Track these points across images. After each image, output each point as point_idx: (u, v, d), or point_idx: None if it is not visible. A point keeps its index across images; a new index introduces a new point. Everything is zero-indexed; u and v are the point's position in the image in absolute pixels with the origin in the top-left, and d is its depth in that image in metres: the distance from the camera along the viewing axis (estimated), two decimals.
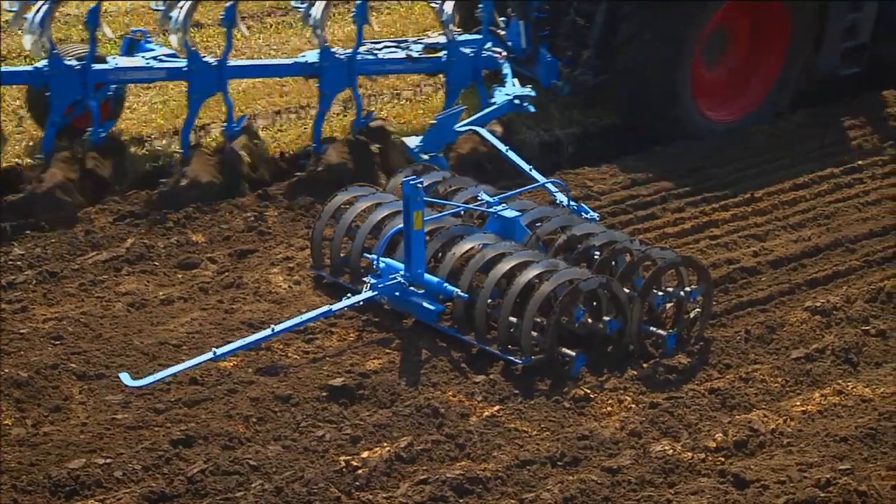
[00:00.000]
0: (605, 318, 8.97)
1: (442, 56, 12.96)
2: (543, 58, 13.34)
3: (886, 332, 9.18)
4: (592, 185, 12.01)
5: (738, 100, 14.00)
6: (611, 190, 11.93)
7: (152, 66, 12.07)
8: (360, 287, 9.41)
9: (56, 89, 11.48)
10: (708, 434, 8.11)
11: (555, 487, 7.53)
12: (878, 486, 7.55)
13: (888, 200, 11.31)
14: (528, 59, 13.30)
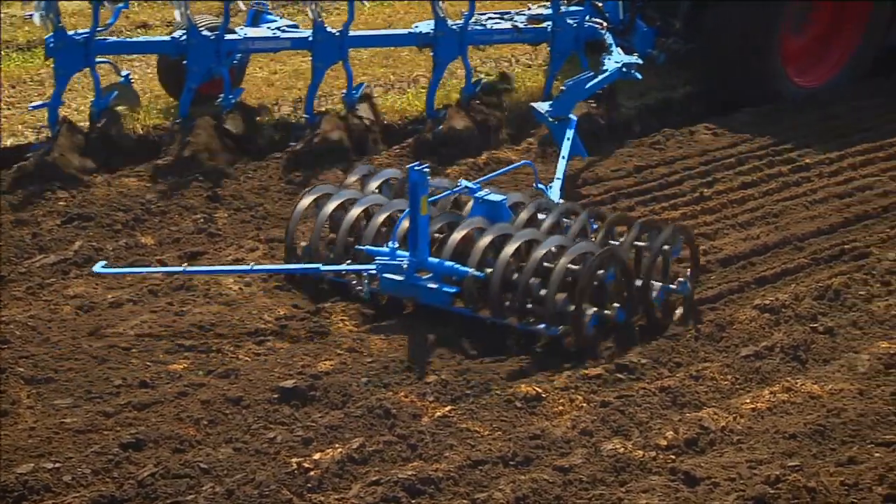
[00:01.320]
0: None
1: (547, 26, 13.66)
2: (640, 28, 14.10)
3: (834, 330, 9.22)
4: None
5: (822, 65, 14.79)
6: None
7: (279, 37, 12.92)
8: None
9: (193, 57, 12.23)
10: (659, 432, 8.12)
11: (507, 487, 7.51)
12: (827, 482, 7.58)
13: (835, 199, 11.35)
14: (624, 30, 13.97)
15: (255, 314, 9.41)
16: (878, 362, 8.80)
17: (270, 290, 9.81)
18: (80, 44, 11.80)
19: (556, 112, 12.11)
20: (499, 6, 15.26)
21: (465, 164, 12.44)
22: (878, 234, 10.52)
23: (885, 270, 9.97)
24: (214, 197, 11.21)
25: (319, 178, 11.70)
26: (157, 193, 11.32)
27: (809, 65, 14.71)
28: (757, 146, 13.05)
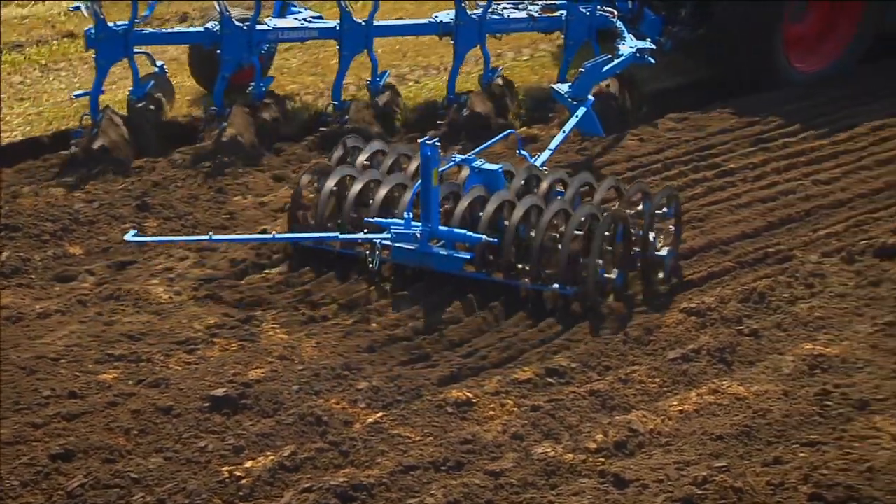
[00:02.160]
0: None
1: (561, 15, 14.25)
2: (648, 16, 14.56)
3: (759, 332, 9.27)
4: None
5: (823, 51, 15.26)
6: None
7: (307, 27, 13.52)
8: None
9: (226, 48, 12.69)
10: (588, 435, 8.13)
11: (438, 492, 7.50)
12: (753, 482, 7.63)
13: (758, 203, 11.41)
14: (633, 18, 14.39)
15: (185, 323, 9.35)
16: (803, 363, 8.86)
17: (200, 299, 9.75)
18: (119, 35, 12.18)
19: (575, 93, 12.54)
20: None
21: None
22: (800, 237, 10.59)
23: (808, 273, 10.03)
24: (143, 206, 11.13)
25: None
26: (86, 203, 11.22)
27: (810, 51, 15.18)
28: (682, 151, 13.09)
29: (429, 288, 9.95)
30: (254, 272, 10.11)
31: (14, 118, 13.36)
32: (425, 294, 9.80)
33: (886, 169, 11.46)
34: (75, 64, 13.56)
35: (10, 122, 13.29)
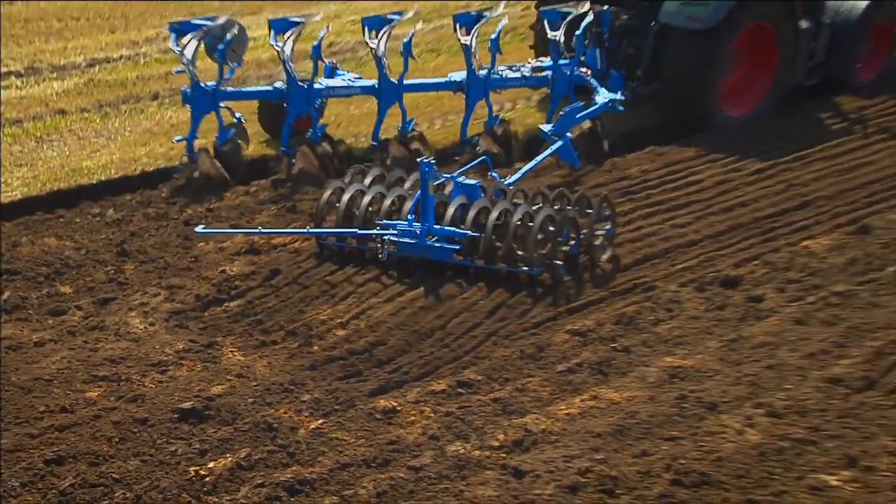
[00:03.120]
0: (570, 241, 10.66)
1: (547, 75, 14.51)
2: (613, 75, 14.59)
3: (629, 348, 9.28)
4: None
5: (748, 100, 15.13)
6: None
7: (351, 85, 13.95)
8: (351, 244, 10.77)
9: (292, 101, 13.19)
10: (492, 435, 8.10)
11: (370, 485, 7.48)
12: (626, 471, 7.65)
13: (628, 243, 11.41)
14: (602, 76, 14.49)
15: (157, 348, 9.25)
16: (664, 373, 8.89)
17: (171, 329, 9.65)
18: (209, 93, 12.72)
19: (555, 130, 13.00)
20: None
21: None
22: (661, 271, 10.61)
23: (667, 300, 10.06)
24: (123, 252, 11.01)
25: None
26: (74, 250, 11.08)
27: (738, 100, 15.08)
28: None
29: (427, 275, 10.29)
30: (215, 305, 10.02)
31: (14, 181, 13.19)
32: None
33: (728, 215, 11.55)
34: (65, 136, 13.45)
35: (11, 184, 13.12)
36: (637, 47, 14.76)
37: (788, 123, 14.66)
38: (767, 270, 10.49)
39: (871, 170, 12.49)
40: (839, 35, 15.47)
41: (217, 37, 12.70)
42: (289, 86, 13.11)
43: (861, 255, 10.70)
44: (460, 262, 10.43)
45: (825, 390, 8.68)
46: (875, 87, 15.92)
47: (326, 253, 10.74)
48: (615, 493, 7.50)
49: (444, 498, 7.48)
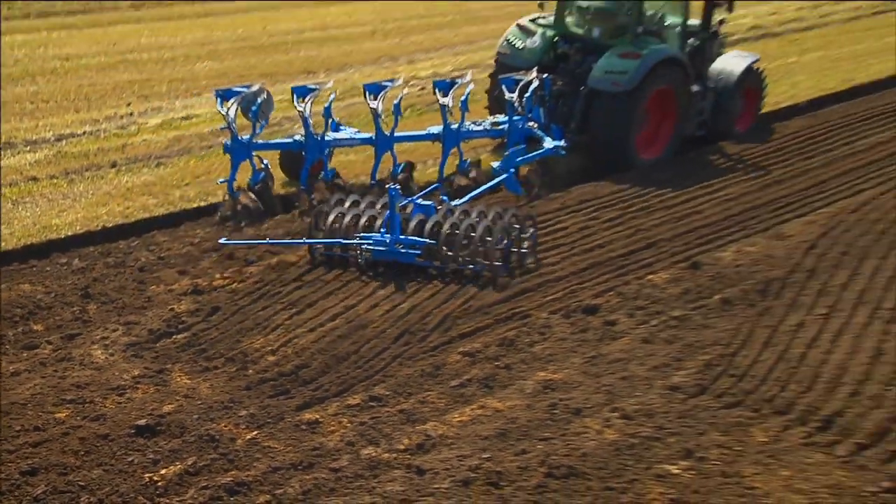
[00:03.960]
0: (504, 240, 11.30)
1: (504, 128, 14.53)
2: (554, 128, 14.64)
3: (510, 365, 9.33)
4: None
5: (656, 146, 15.28)
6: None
7: (353, 138, 14.19)
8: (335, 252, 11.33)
9: (309, 150, 13.50)
10: (398, 440, 8.11)
11: (297, 485, 7.48)
12: (508, 466, 7.71)
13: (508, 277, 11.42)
14: (545, 128, 14.54)
15: (117, 375, 9.10)
16: (539, 385, 8.96)
17: (128, 358, 9.49)
18: (244, 144, 12.94)
19: (502, 167, 13.56)
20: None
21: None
22: (535, 301, 10.66)
23: (540, 325, 10.04)
24: (86, 295, 10.81)
25: None
26: (45, 293, 10.87)
27: (648, 145, 15.21)
28: None
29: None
30: (165, 338, 9.86)
31: None
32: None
33: (588, 255, 11.64)
34: (37, 199, 13.22)
35: None
36: (570, 106, 14.89)
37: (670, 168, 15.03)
38: (620, 300, 10.60)
39: (699, 217, 12.69)
40: (720, 97, 15.93)
41: (250, 101, 13.02)
42: (306, 138, 13.45)
43: (693, 285, 10.88)
44: (421, 263, 11.12)
45: (667, 396, 8.83)
46: (746, 137, 16.43)
47: (258, 292, 10.67)
48: (500, 485, 7.55)
49: (359, 494, 7.48)
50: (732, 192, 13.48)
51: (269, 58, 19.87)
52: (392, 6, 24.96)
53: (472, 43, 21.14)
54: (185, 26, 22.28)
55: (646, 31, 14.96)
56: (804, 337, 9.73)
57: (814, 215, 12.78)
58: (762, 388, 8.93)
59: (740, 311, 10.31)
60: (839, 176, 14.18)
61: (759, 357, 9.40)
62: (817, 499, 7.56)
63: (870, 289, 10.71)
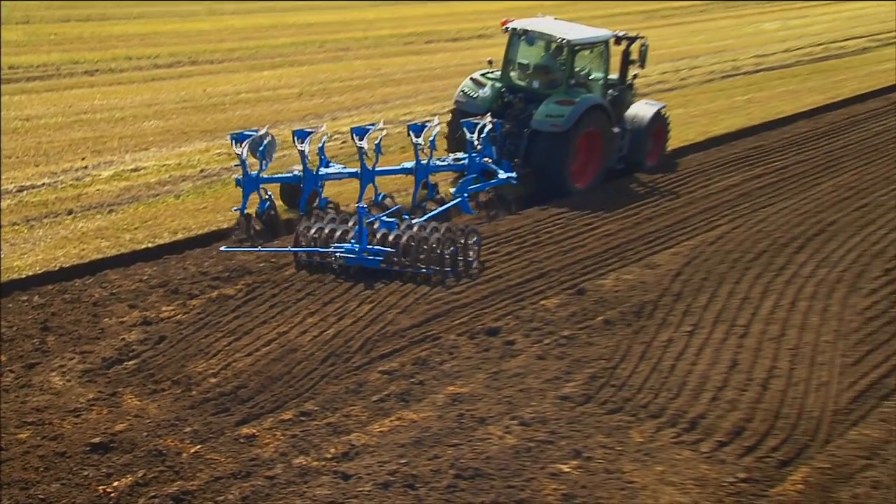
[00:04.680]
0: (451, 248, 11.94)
1: (464, 162, 14.75)
2: (504, 162, 15.00)
3: (424, 381, 9.34)
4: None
5: (586, 176, 15.80)
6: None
7: (342, 172, 14.35)
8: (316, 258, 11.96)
9: (306, 184, 13.78)
10: (326, 450, 8.07)
11: (236, 492, 7.41)
12: (423, 470, 7.73)
13: (422, 305, 11.33)
14: (497, 163, 14.90)
15: (73, 399, 8.88)
16: (448, 398, 8.98)
17: (83, 384, 9.25)
18: (254, 179, 13.22)
19: (456, 192, 14.21)
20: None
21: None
22: (444, 325, 10.65)
23: (449, 346, 10.09)
24: (45, 328, 10.52)
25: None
26: (7, 327, 10.53)
27: (580, 175, 15.71)
28: None
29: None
30: (117, 364, 9.64)
31: None
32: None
33: (489, 284, 11.70)
34: (1, 244, 12.89)
35: None
36: (516, 145, 15.36)
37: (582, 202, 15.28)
38: (517, 322, 10.66)
39: (583, 250, 12.81)
40: (635, 137, 16.46)
41: (257, 143, 13.34)
42: (304, 173, 13.76)
43: (579, 309, 11.00)
44: (384, 268, 11.70)
45: (558, 405, 8.91)
46: (656, 169, 16.91)
47: (200, 322, 10.47)
48: (415, 487, 7.54)
49: (292, 498, 7.41)
50: (611, 228, 13.66)
51: (208, 116, 19.70)
52: (316, 70, 24.92)
53: (387, 102, 21.20)
54: (133, 89, 22.00)
55: (576, 84, 15.62)
56: (673, 351, 9.93)
57: (679, 247, 13.03)
58: (639, 395, 9.09)
59: (619, 330, 10.47)
60: (699, 213, 14.47)
61: (635, 369, 9.56)
62: (685, 489, 7.71)
63: (726, 309, 10.97)
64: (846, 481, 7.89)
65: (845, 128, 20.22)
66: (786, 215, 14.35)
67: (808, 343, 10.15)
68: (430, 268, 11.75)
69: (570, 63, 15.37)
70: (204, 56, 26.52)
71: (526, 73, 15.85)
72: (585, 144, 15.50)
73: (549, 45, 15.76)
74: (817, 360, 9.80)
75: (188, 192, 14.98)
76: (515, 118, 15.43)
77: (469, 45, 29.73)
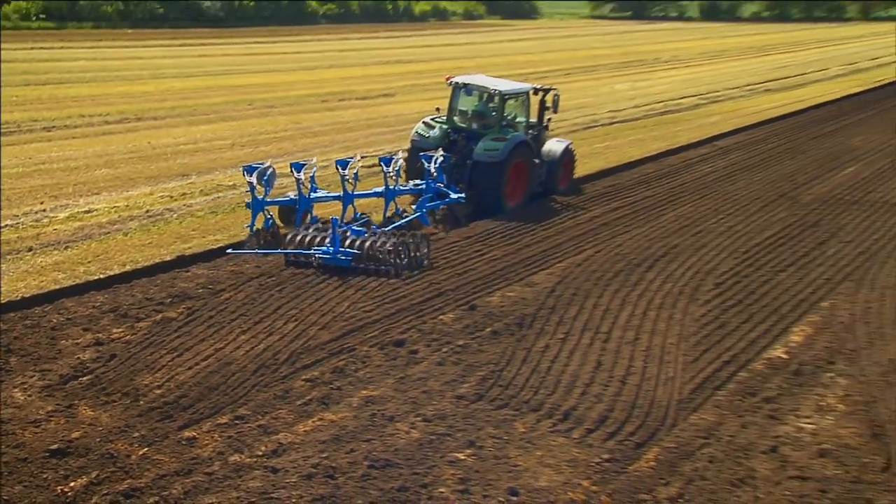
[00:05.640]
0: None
1: (423, 187, 15.37)
2: (452, 186, 15.69)
3: (341, 387, 9.24)
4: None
5: (515, 198, 16.50)
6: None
7: (327, 195, 14.78)
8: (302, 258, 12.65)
9: (301, 205, 14.22)
10: (257, 448, 7.93)
11: (179, 487, 7.22)
12: (341, 462, 7.65)
13: (339, 321, 11.25)
14: (448, 187, 15.58)
15: (34, 411, 8.54)
16: (363, 401, 8.91)
17: (43, 398, 8.90)
18: (261, 202, 13.68)
19: (417, 208, 15.03)
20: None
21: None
22: (358, 339, 10.54)
23: (363, 356, 10.03)
24: (9, 350, 10.09)
25: None
26: None
27: (512, 196, 16.44)
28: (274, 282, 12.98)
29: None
30: (73, 380, 9.29)
31: None
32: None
33: (395, 303, 11.68)
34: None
35: None
36: (460, 173, 16.09)
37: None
38: (420, 335, 10.64)
39: (474, 272, 12.85)
40: (550, 167, 17.32)
41: (262, 173, 13.75)
42: (299, 196, 14.22)
43: (471, 322, 11.05)
44: (353, 266, 12.39)
45: (455, 403, 8.92)
46: (567, 192, 17.76)
47: (146, 342, 10.16)
48: (335, 477, 7.44)
49: (228, 490, 7.25)
50: (496, 254, 13.77)
51: (153, 165, 19.25)
52: (246, 124, 24.63)
53: (307, 151, 20.97)
54: (86, 143, 21.39)
55: (506, 125, 16.59)
56: (549, 355, 10.04)
57: (552, 268, 13.20)
58: (521, 393, 9.16)
59: (505, 339, 10.54)
60: (568, 241, 14.69)
61: (518, 371, 9.64)
62: (560, 469, 7.79)
63: (592, 318, 11.16)
64: (688, 458, 8.08)
65: (682, 169, 20.86)
66: (638, 241, 14.69)
67: (657, 345, 10.39)
68: (387, 265, 12.44)
69: (501, 109, 16.40)
70: (148, 113, 26.09)
71: (466, 117, 16.83)
72: (515, 172, 16.38)
73: (483, 96, 16.74)
74: (665, 359, 10.04)
75: (135, 229, 14.61)
76: (460, 152, 16.30)
77: (375, 103, 29.81)
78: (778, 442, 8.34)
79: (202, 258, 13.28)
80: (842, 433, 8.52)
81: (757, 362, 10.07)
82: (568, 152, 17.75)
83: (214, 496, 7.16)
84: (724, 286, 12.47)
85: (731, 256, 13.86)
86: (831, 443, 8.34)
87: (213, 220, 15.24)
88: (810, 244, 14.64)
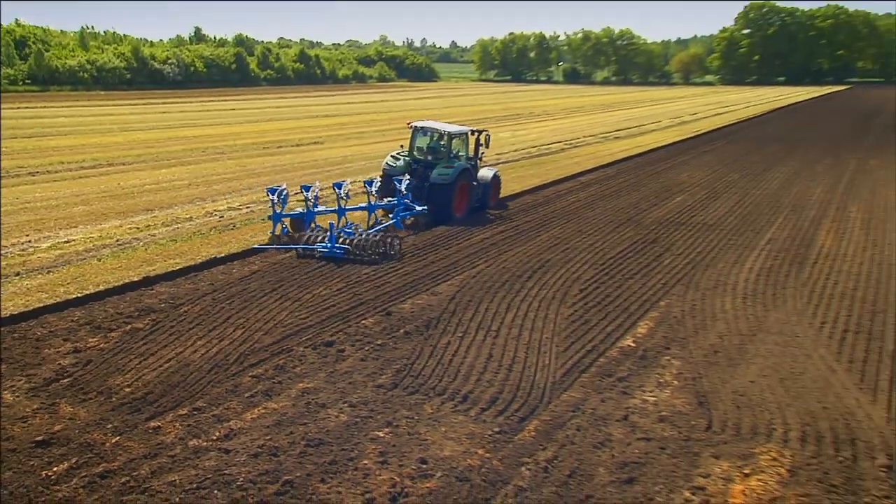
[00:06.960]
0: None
1: (395, 203, 16.21)
2: (415, 202, 16.65)
3: (283, 381, 9.05)
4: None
5: (460, 210, 17.40)
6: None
7: (327, 210, 15.47)
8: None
9: (307, 217, 15.01)
10: (213, 433, 7.75)
11: (147, 468, 7.04)
12: (283, 442, 7.54)
13: (279, 327, 11.04)
14: (413, 202, 16.51)
15: (21, 409, 8.15)
16: (300, 392, 8.77)
17: (30, 398, 8.47)
18: (278, 214, 14.80)
19: (393, 217, 16.04)
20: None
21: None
22: (295, 341, 10.32)
23: (299, 355, 9.85)
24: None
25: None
26: None
27: (459, 208, 17.36)
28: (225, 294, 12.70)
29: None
30: (55, 382, 8.89)
31: None
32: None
33: (327, 310, 11.46)
34: None
35: None
36: (421, 191, 16.95)
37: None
38: (346, 336, 10.52)
39: (389, 285, 12.76)
40: (483, 188, 18.32)
41: (279, 193, 14.64)
42: (306, 211, 15.06)
43: (388, 325, 10.99)
44: (346, 258, 13.31)
45: (375, 391, 8.89)
46: (495, 207, 18.82)
47: (118, 349, 9.78)
48: (277, 455, 7.34)
49: (188, 469, 7.09)
50: (408, 270, 13.74)
51: (122, 202, 18.62)
52: (200, 168, 24.12)
53: (251, 189, 20.67)
54: (65, 185, 20.58)
55: (453, 157, 17.58)
56: (451, 350, 10.11)
57: (452, 280, 13.23)
58: (429, 381, 9.20)
59: (415, 338, 10.54)
60: (465, 258, 14.75)
61: (426, 364, 9.67)
62: (461, 441, 7.86)
63: (484, 320, 11.27)
64: (561, 427, 8.26)
65: (553, 199, 21.27)
66: (519, 257, 14.91)
67: (536, 339, 10.56)
68: (371, 256, 13.46)
69: (449, 145, 17.59)
70: (118, 160, 25.31)
71: (423, 151, 17.80)
72: (460, 192, 17.38)
73: (435, 135, 17.80)
74: (542, 350, 10.22)
75: (107, 256, 14.09)
76: (420, 177, 17.41)
77: (307, 149, 29.54)
78: (628, 412, 8.61)
79: (164, 278, 12.88)
80: (676, 403, 8.85)
81: (612, 350, 10.33)
82: (496, 177, 19.18)
83: (177, 475, 6.98)
84: (587, 291, 12.71)
85: (591, 267, 14.21)
86: (668, 410, 8.66)
87: (174, 247, 14.83)
88: (651, 256, 15.16)
